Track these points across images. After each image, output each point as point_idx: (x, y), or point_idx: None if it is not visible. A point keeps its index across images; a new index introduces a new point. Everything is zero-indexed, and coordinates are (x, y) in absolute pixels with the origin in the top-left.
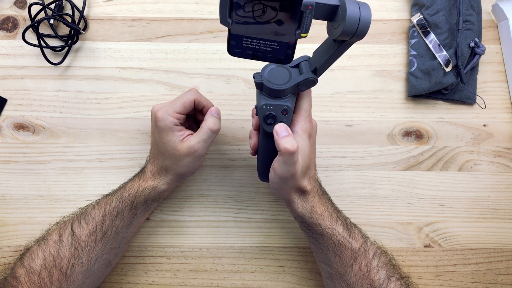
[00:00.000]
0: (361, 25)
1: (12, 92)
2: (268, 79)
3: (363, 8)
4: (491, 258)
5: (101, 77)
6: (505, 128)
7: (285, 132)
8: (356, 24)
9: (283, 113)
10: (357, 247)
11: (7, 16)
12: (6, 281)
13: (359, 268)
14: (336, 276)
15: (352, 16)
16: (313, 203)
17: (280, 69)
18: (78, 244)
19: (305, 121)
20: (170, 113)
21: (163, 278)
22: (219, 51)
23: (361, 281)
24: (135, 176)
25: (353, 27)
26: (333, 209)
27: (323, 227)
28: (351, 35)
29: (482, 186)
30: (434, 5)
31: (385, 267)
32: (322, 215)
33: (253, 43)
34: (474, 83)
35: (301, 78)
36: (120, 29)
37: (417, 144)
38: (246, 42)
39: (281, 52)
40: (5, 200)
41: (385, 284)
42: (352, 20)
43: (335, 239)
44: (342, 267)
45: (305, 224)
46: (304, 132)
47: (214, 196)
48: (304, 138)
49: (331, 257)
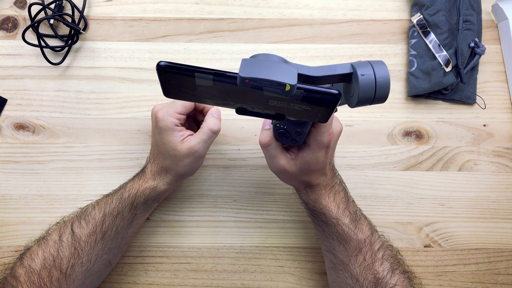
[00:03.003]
0: (378, 91)
1: (12, 92)
2: None
3: (378, 70)
4: (491, 258)
5: (101, 77)
6: (505, 128)
7: (267, 126)
8: (372, 92)
9: (296, 134)
10: (363, 238)
11: (7, 16)
12: (6, 281)
13: (364, 259)
14: (340, 266)
15: (366, 85)
16: (318, 195)
17: None
18: (78, 244)
19: (322, 136)
20: (171, 113)
21: (163, 278)
22: (219, 51)
23: (365, 272)
24: (135, 176)
25: (370, 95)
26: (342, 200)
27: (327, 216)
28: (369, 102)
29: (482, 186)
30: (434, 5)
31: (390, 259)
32: (327, 206)
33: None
34: (474, 83)
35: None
36: (120, 29)
37: (417, 144)
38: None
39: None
40: (5, 200)
41: (389, 276)
42: (367, 89)
43: (339, 229)
44: (347, 256)
45: (310, 211)
46: (318, 146)
47: (214, 196)
48: (316, 151)
49: (335, 246)
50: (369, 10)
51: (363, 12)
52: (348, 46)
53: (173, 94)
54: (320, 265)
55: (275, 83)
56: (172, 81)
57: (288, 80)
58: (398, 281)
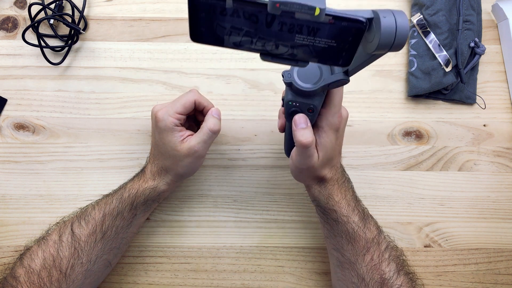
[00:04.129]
0: (398, 36)
1: (12, 92)
2: (297, 76)
3: (398, 17)
4: (491, 258)
5: (101, 77)
6: (505, 128)
7: (303, 124)
8: (392, 36)
9: (309, 111)
10: (371, 238)
11: (7, 16)
12: (6, 281)
13: (371, 258)
14: (347, 265)
15: (388, 27)
16: (331, 190)
17: (310, 68)
18: (78, 244)
19: (333, 117)
20: (171, 113)
21: (163, 278)
22: (219, 51)
23: (371, 272)
24: (135, 176)
25: (389, 40)
26: (352, 198)
27: (338, 214)
28: (388, 48)
29: (482, 186)
30: (434, 5)
31: (396, 260)
32: (339, 203)
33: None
34: (474, 83)
35: (333, 79)
36: (120, 29)
37: (417, 144)
38: None
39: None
40: (5, 200)
41: (395, 277)
42: (388, 32)
43: (349, 227)
44: (354, 255)
45: (321, 209)
46: (331, 127)
47: (214, 196)
48: (330, 133)
49: (344, 244)
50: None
51: None
52: None
53: (200, 35)
54: (320, 265)
55: (306, 7)
56: (202, 14)
57: (318, 4)
58: (403, 282)
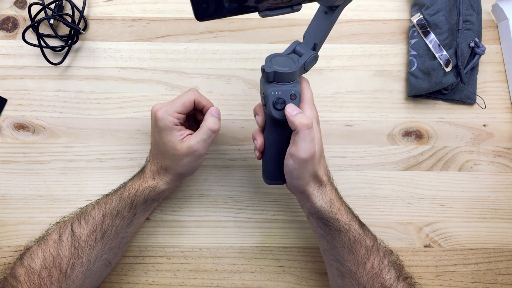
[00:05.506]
0: None
1: (12, 92)
2: (277, 66)
3: None
4: (491, 258)
5: (101, 77)
6: (505, 128)
7: (296, 111)
8: None
9: (291, 98)
10: (370, 245)
11: (7, 16)
12: (6, 281)
13: (372, 267)
14: (347, 275)
15: None
16: (331, 196)
17: (281, 58)
18: (78, 244)
19: (311, 109)
20: (170, 112)
21: (163, 278)
22: (219, 51)
23: (372, 280)
24: (135, 176)
25: None
26: (342, 200)
27: (340, 222)
28: None
29: (482, 186)
30: (434, 5)
31: (395, 266)
32: (340, 210)
33: None
34: (474, 83)
35: (306, 56)
36: (120, 29)
37: (417, 144)
38: None
39: None
40: (5, 200)
41: (395, 284)
42: None
43: (351, 235)
44: (355, 265)
45: (323, 220)
46: (313, 118)
47: (214, 196)
48: (314, 124)
49: (345, 255)
50: (369, 10)
51: (363, 12)
52: (348, 46)
53: (203, 11)
54: (320, 265)
55: None
56: None
57: None
58: None
